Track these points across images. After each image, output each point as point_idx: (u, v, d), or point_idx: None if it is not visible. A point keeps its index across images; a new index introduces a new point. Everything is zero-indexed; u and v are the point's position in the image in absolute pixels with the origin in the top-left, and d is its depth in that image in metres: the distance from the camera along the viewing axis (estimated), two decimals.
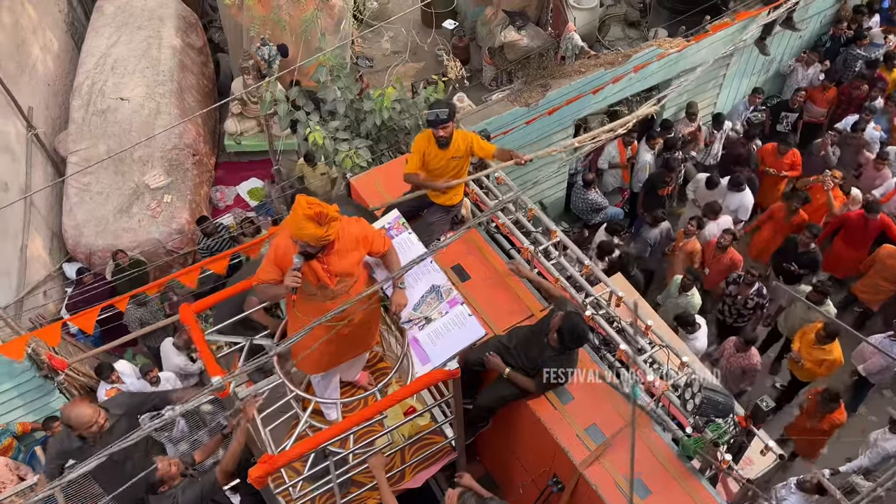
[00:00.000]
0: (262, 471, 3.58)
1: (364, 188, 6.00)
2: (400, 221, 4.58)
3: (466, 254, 5.59)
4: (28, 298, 8.16)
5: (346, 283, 4.00)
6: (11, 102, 8.55)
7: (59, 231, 9.01)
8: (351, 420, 4.02)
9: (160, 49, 9.85)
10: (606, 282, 5.22)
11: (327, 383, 4.68)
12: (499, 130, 7.81)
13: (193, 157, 9.54)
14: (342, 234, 3.88)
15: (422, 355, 4.09)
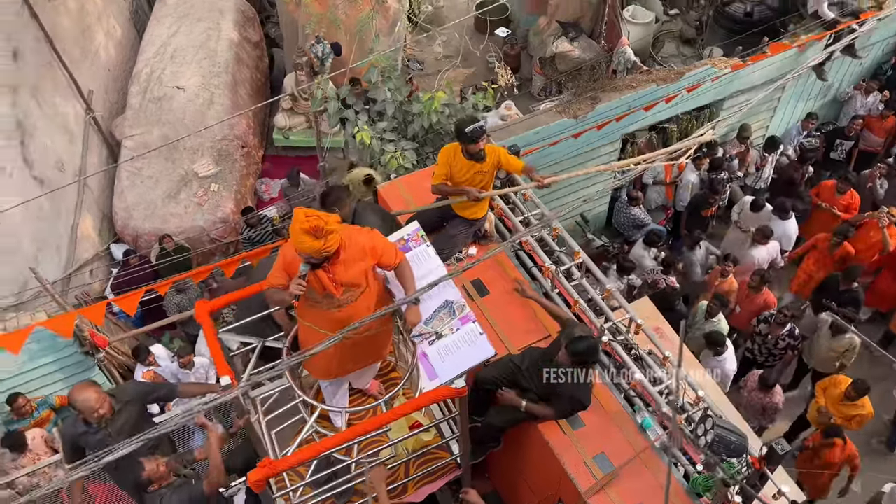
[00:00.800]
0: (261, 475, 3.60)
1: (390, 196, 6.00)
2: (419, 233, 4.54)
3: (487, 268, 5.51)
4: (75, 276, 8.40)
5: (352, 293, 3.99)
6: (73, 85, 8.83)
7: (110, 212, 9.26)
8: (354, 430, 4.06)
9: (218, 41, 10.07)
10: (626, 307, 5.10)
11: (335, 389, 4.68)
12: (545, 141, 7.79)
13: (242, 149, 9.72)
14: (349, 243, 3.87)
15: (430, 371, 4.07)
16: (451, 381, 3.93)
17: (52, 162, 8.38)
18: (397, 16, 10.23)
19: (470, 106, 6.80)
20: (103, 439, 4.56)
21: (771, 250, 8.02)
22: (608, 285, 5.22)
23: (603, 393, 4.88)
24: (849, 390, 6.54)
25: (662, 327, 6.56)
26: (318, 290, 3.89)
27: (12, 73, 7.75)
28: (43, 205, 8.07)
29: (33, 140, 8.01)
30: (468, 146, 5.02)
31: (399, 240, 4.53)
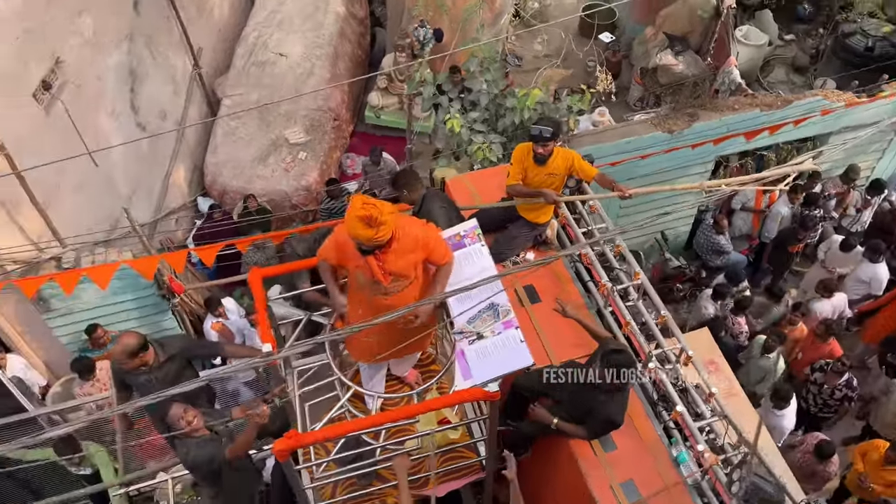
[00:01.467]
0: (285, 445, 3.65)
1: (457, 189, 5.98)
2: (476, 232, 4.51)
3: (541, 276, 5.41)
4: (162, 222, 8.78)
5: (399, 284, 3.99)
6: (185, 41, 9.20)
7: (201, 166, 9.63)
8: (383, 416, 4.06)
9: (325, 14, 10.28)
10: (679, 337, 4.91)
11: (373, 373, 4.71)
12: (635, 152, 7.63)
13: (334, 122, 9.92)
14: (402, 234, 3.87)
15: (465, 370, 4.03)
16: (485, 384, 3.89)
17: (156, 111, 8.77)
18: (503, 9, 10.21)
19: (564, 107, 6.72)
20: (145, 383, 4.79)
21: (836, 304, 7.61)
22: (663, 311, 5.03)
23: (642, 420, 4.73)
24: (889, 454, 6.14)
25: (718, 361, 6.35)
26: (367, 276, 3.93)
27: (131, 22, 8.13)
28: (142, 150, 8.47)
29: (142, 88, 8.39)
30: (535, 148, 5.01)
31: (455, 235, 4.52)
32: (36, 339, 7.12)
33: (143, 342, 4.72)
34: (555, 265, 5.51)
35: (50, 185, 6.77)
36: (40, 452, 6.06)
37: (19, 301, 6.69)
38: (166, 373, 4.81)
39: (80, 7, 7.17)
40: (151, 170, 8.69)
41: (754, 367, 7.19)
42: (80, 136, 7.03)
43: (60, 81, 6.96)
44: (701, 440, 4.47)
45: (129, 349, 4.64)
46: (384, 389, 4.78)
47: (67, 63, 7.04)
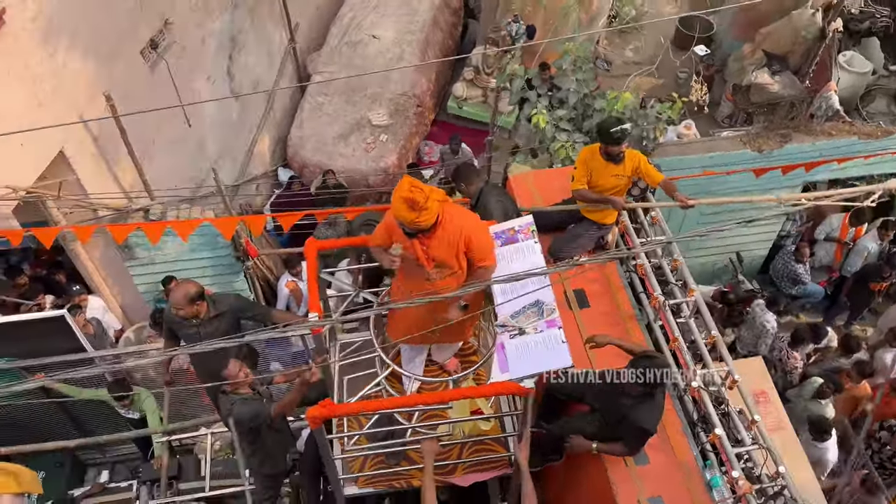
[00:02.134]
0: (318, 413, 3.72)
1: (519, 187, 5.95)
2: (531, 228, 4.47)
3: (593, 282, 5.35)
4: (243, 186, 9.07)
5: (442, 271, 4.00)
6: (285, 14, 9.45)
7: (285, 138, 9.89)
8: (415, 398, 4.08)
9: (421, 1, 10.40)
10: (727, 359, 4.79)
11: (413, 355, 4.74)
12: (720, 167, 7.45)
13: (417, 108, 10.04)
14: (448, 223, 3.87)
15: (503, 363, 4.01)
16: (521, 380, 3.86)
17: (250, 80, 9.05)
18: (599, 11, 10.12)
19: (653, 114, 6.63)
20: (193, 335, 4.93)
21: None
22: (713, 331, 4.92)
23: (678, 437, 4.63)
24: None
25: (769, 392, 6.10)
26: (412, 260, 3.97)
27: None
28: (232, 116, 8.76)
29: (240, 56, 8.68)
30: (609, 147, 4.92)
31: (509, 229, 4.50)
32: (117, 285, 7.47)
33: (201, 291, 4.87)
34: (609, 273, 5.43)
35: (146, 141, 7.08)
36: (93, 392, 6.34)
37: (107, 246, 7.03)
38: (215, 328, 4.91)
39: None
40: (238, 136, 8.98)
41: (800, 408, 6.93)
42: (178, 95, 7.34)
43: (167, 42, 7.26)
44: (737, 466, 4.35)
45: (189, 294, 4.78)
46: (423, 373, 4.81)
47: (175, 25, 7.34)
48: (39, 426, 6.55)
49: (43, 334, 5.79)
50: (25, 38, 5.49)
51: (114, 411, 6.54)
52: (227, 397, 4.71)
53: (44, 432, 6.48)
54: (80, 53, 6.10)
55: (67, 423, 6.94)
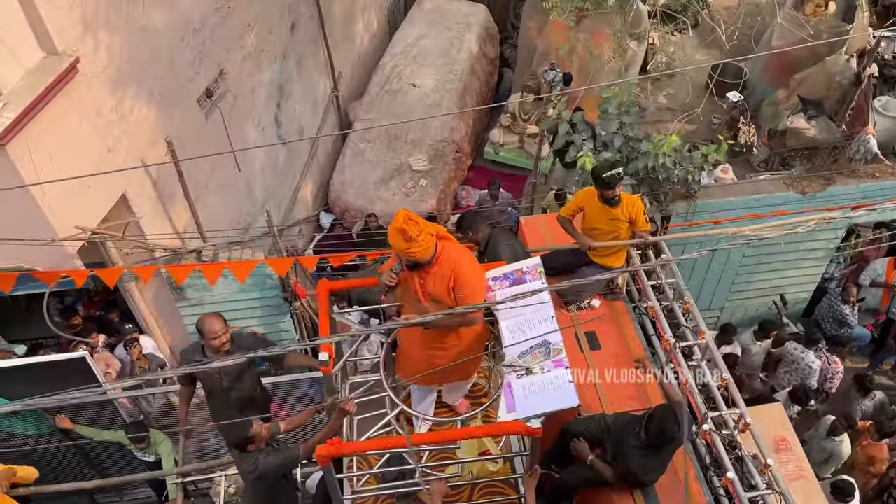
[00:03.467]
0: (326, 451, 3.77)
1: (530, 231, 6.02)
2: (538, 269, 4.53)
3: (605, 323, 5.41)
4: (287, 230, 9.25)
5: (438, 307, 4.07)
6: (329, 64, 9.79)
7: (327, 184, 10.12)
8: (421, 437, 4.11)
9: (459, 51, 10.72)
10: (739, 403, 4.76)
11: (423, 396, 4.77)
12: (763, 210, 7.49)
13: (455, 154, 10.24)
14: (445, 260, 3.98)
15: (510, 403, 4.00)
16: (528, 420, 3.85)
17: (296, 127, 9.32)
18: (633, 59, 10.33)
19: (699, 156, 6.72)
20: (212, 374, 4.92)
21: None
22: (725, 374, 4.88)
23: (692, 483, 4.54)
24: None
25: (789, 439, 5.99)
26: (411, 292, 4.07)
27: (287, 43, 8.74)
28: (278, 162, 9.00)
29: (287, 104, 8.97)
30: (604, 191, 5.07)
31: (517, 270, 4.57)
32: (167, 325, 7.59)
33: (224, 322, 4.87)
34: (620, 315, 5.47)
35: (200, 185, 7.30)
36: (112, 434, 6.32)
37: (159, 287, 7.18)
38: (231, 368, 4.92)
39: (249, 25, 7.79)
40: (284, 181, 9.21)
41: (817, 448, 6.83)
42: (230, 141, 7.59)
43: (221, 91, 7.55)
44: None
45: (221, 321, 4.79)
46: (433, 415, 4.83)
47: (229, 75, 7.64)
48: (57, 467, 6.48)
49: (65, 376, 5.71)
50: (97, 87, 5.75)
51: (130, 454, 6.50)
52: (245, 456, 4.63)
53: (61, 473, 6.45)
54: (145, 101, 6.37)
55: (84, 465, 6.85)
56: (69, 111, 5.46)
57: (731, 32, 10.09)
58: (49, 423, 6.08)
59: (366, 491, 4.53)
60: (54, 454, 6.37)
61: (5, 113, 4.95)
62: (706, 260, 7.80)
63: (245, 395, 5.11)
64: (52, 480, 5.91)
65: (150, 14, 6.23)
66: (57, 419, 6.01)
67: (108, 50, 5.82)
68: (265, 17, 8.16)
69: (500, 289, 4.52)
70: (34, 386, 5.77)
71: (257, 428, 4.53)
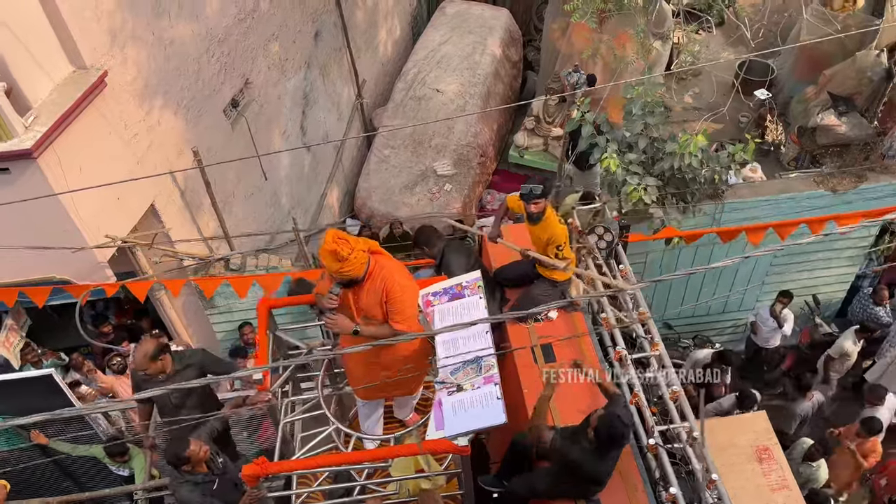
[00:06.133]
0: (252, 471, 3.78)
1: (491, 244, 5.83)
2: (477, 283, 4.52)
3: (562, 334, 5.30)
4: (313, 237, 9.32)
5: (370, 323, 4.09)
6: (353, 72, 9.86)
7: (353, 191, 10.17)
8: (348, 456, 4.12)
9: (482, 55, 10.71)
10: (689, 418, 4.68)
11: (370, 412, 4.77)
12: (793, 206, 7.36)
13: (480, 158, 10.23)
14: (378, 275, 3.99)
15: (439, 420, 3.99)
16: (455, 437, 3.81)
17: (321, 134, 9.40)
18: (658, 59, 10.23)
19: (726, 156, 6.63)
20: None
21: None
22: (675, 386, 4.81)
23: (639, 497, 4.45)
24: None
25: (772, 449, 5.80)
26: (347, 309, 4.08)
27: (310, 51, 8.82)
28: (304, 170, 9.08)
29: (312, 111, 9.04)
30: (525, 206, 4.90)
31: (456, 285, 4.56)
32: (196, 333, 7.69)
33: (161, 347, 4.91)
34: (578, 325, 5.38)
35: (227, 194, 7.39)
36: (87, 449, 6.32)
37: (189, 295, 7.28)
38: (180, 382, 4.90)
39: (273, 35, 7.88)
40: (310, 189, 9.28)
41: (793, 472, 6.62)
42: (256, 149, 7.67)
43: (246, 100, 7.64)
44: None
45: (148, 353, 4.80)
46: (381, 431, 4.80)
47: (254, 84, 7.73)
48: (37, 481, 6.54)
49: (35, 392, 5.76)
50: (125, 99, 5.86)
51: (106, 468, 6.51)
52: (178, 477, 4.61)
53: (41, 487, 6.49)
54: (172, 112, 6.47)
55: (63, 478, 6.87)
56: (98, 124, 5.57)
57: (756, 29, 9.95)
58: (24, 438, 6.11)
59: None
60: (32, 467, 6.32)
61: (36, 126, 5.07)
62: (720, 256, 7.68)
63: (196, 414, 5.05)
64: (32, 493, 5.97)
65: (175, 27, 6.33)
66: (32, 434, 6.04)
67: (136, 63, 5.93)
68: (288, 26, 8.25)
69: (439, 304, 4.53)
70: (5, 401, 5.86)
71: (195, 447, 4.48)
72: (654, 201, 6.67)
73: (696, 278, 8.03)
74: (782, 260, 7.91)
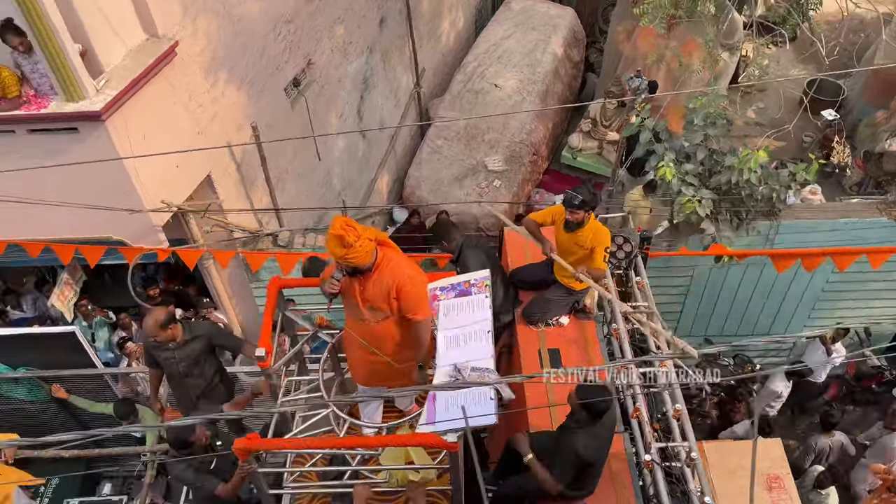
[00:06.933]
0: (244, 445, 3.77)
1: (511, 241, 5.86)
2: (485, 283, 4.43)
3: (571, 342, 5.24)
4: (359, 220, 9.40)
5: (375, 314, 4.03)
6: (413, 60, 9.89)
7: (402, 178, 10.22)
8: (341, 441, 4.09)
9: (544, 53, 10.64)
10: (689, 436, 4.58)
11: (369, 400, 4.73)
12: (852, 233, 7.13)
13: (532, 156, 10.18)
14: (385, 268, 3.92)
15: (431, 413, 3.93)
16: (444, 433, 3.74)
17: (376, 120, 9.46)
18: (724, 70, 10.02)
19: (786, 174, 6.46)
20: (168, 359, 5.09)
21: None
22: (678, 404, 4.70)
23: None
24: None
25: (784, 479, 5.63)
26: (350, 298, 4.04)
27: (374, 37, 8.88)
28: (357, 153, 9.15)
29: (370, 96, 9.11)
30: (566, 211, 4.87)
31: (465, 282, 4.49)
32: (240, 303, 7.84)
33: (171, 316, 5.02)
34: (587, 335, 5.31)
35: (281, 170, 7.50)
36: (104, 407, 6.47)
37: (236, 267, 7.42)
38: (189, 352, 5.08)
39: (339, 18, 7.95)
40: (362, 173, 9.36)
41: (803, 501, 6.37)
42: (313, 129, 7.76)
43: (308, 80, 7.73)
44: None
45: (158, 321, 4.90)
46: (380, 419, 4.78)
47: (316, 66, 7.82)
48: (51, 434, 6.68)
49: (59, 348, 5.96)
50: (193, 70, 5.99)
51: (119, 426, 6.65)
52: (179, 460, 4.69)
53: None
54: (235, 87, 6.59)
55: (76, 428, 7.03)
56: (165, 92, 5.71)
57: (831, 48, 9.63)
58: (45, 392, 6.28)
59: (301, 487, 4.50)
60: (51, 421, 6.54)
61: (106, 90, 5.22)
62: (786, 280, 7.48)
63: (202, 384, 5.22)
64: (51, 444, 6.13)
65: (245, 3, 6.44)
66: (52, 388, 6.21)
67: (205, 35, 6.06)
68: (355, 10, 8.32)
69: (445, 298, 4.50)
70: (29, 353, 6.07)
71: (200, 431, 4.54)
72: (707, 215, 6.55)
73: (743, 295, 7.85)
74: (836, 286, 7.68)
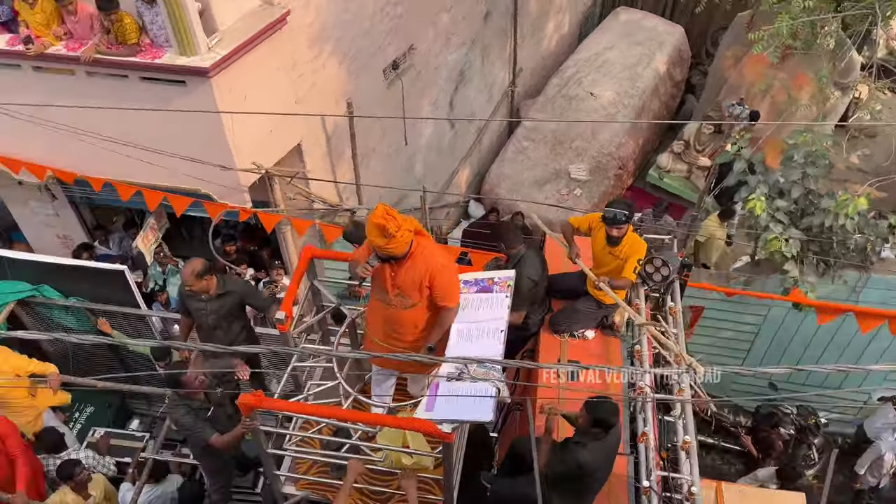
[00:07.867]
0: (249, 400, 3.85)
1: (552, 250, 5.80)
2: (508, 282, 4.43)
3: (592, 356, 5.23)
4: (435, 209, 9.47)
5: (403, 300, 4.08)
6: (512, 58, 9.86)
7: (483, 174, 10.23)
8: (343, 413, 4.16)
9: (646, 68, 10.43)
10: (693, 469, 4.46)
11: (381, 380, 4.77)
12: None
13: (618, 170, 10.01)
14: (419, 256, 3.96)
15: (430, 402, 3.97)
16: (440, 423, 3.77)
17: (467, 112, 9.49)
18: (833, 109, 9.60)
19: (885, 226, 6.14)
20: (199, 309, 5.24)
21: None
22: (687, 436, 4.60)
23: None
24: None
25: None
26: (379, 281, 4.09)
27: (477, 30, 8.91)
28: (444, 143, 9.21)
29: (464, 88, 9.15)
30: (607, 229, 4.91)
31: (488, 279, 4.50)
32: None
33: (208, 267, 5.15)
34: (611, 350, 5.30)
35: (368, 148, 7.62)
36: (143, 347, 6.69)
37: (311, 236, 7.59)
38: (220, 305, 5.24)
39: (446, 7, 8.01)
40: (445, 163, 9.42)
41: None
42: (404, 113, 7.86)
43: (407, 65, 7.82)
44: None
45: (196, 271, 5.05)
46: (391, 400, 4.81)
47: (417, 51, 7.90)
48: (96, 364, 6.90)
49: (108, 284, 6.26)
50: (300, 40, 6.15)
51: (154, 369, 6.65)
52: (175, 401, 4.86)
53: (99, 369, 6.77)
54: (337, 61, 6.73)
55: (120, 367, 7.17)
56: (270, 58, 5.88)
57: None
58: (91, 324, 6.52)
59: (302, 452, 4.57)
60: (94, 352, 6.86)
61: (217, 49, 5.42)
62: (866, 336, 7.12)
63: (228, 339, 5.32)
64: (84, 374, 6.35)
65: None
66: (98, 321, 6.46)
67: (316, 7, 6.21)
68: (463, 1, 8.35)
69: (466, 292, 4.51)
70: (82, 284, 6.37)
71: (191, 375, 4.73)
72: (793, 255, 6.30)
73: (818, 344, 7.52)
74: None
